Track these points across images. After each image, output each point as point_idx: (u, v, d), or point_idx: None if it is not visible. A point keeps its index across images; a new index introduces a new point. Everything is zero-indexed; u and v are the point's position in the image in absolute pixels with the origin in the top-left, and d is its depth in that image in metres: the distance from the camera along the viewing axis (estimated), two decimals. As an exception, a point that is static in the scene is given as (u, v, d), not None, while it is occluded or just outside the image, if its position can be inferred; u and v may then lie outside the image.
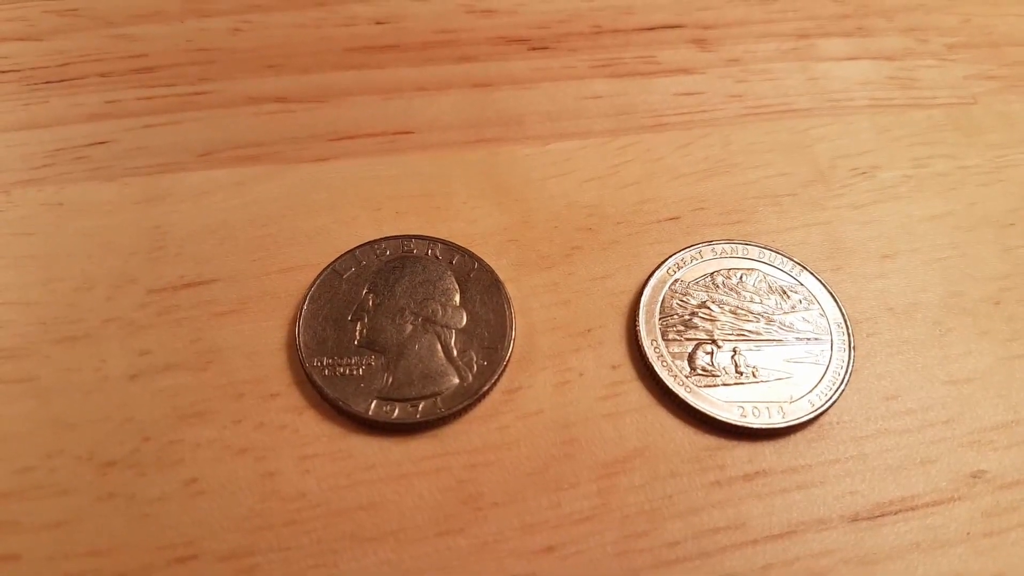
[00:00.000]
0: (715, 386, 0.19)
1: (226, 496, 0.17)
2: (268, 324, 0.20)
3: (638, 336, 0.20)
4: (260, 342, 0.20)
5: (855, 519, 0.18)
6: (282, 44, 0.26)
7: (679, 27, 0.28)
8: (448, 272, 0.21)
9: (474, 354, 0.19)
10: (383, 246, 0.21)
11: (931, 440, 0.19)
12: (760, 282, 0.21)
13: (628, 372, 0.20)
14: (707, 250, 0.21)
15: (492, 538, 0.17)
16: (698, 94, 0.26)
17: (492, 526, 0.17)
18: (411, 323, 0.20)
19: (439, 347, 0.19)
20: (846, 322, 0.20)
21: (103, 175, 0.23)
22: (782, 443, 0.19)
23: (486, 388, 0.19)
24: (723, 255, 0.21)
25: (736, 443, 0.19)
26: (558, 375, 0.19)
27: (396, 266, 0.21)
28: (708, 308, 0.20)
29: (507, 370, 0.19)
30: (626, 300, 0.21)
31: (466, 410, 0.19)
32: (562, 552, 0.17)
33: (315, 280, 0.20)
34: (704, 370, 0.19)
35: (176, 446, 0.18)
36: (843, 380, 0.19)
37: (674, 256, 0.21)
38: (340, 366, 0.19)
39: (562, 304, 0.21)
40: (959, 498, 0.18)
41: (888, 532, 0.17)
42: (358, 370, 0.19)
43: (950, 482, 0.18)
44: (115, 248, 0.21)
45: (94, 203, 0.22)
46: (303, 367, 0.19)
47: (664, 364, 0.19)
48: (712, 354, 0.20)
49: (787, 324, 0.20)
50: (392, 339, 0.19)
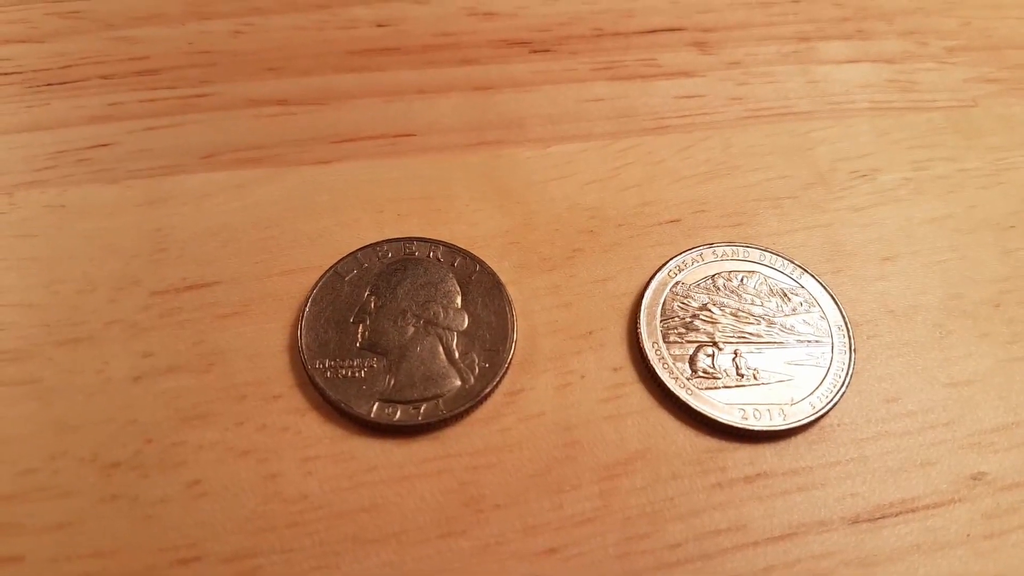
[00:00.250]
0: (716, 388, 0.19)
1: (229, 498, 0.17)
2: (270, 326, 0.20)
3: (639, 338, 0.20)
4: (262, 344, 0.20)
5: (856, 521, 0.18)
6: (283, 47, 0.26)
7: (680, 30, 0.28)
8: (450, 274, 0.21)
9: (476, 356, 0.19)
10: (385, 248, 0.21)
11: (931, 442, 0.19)
12: (761, 284, 0.21)
13: (629, 374, 0.20)
14: (708, 252, 0.22)
15: (494, 540, 0.17)
16: (699, 97, 0.26)
17: (494, 528, 0.17)
18: (413, 325, 0.20)
19: (441, 349, 0.19)
20: (847, 324, 0.20)
21: (105, 177, 0.23)
22: (783, 445, 0.19)
23: (488, 390, 0.19)
24: (724, 257, 0.21)
25: (737, 445, 0.19)
26: (560, 377, 0.19)
27: (398, 268, 0.21)
28: (709, 310, 0.20)
29: (509, 372, 0.19)
30: (627, 302, 0.21)
31: (468, 412, 0.19)
32: (564, 554, 0.17)
33: (317, 282, 0.20)
34: (705, 372, 0.19)
35: (179, 448, 0.18)
36: (844, 382, 0.19)
37: (675, 258, 0.21)
38: (342, 368, 0.19)
39: (563, 306, 0.21)
40: (959, 500, 0.18)
41: (888, 534, 0.18)
42: (360, 372, 0.19)
43: (950, 484, 0.18)
44: (117, 250, 0.21)
45: (96, 205, 0.22)
46: (305, 369, 0.19)
47: (665, 366, 0.19)
48: (713, 356, 0.20)
49: (788, 326, 0.20)
50: (394, 341, 0.19)
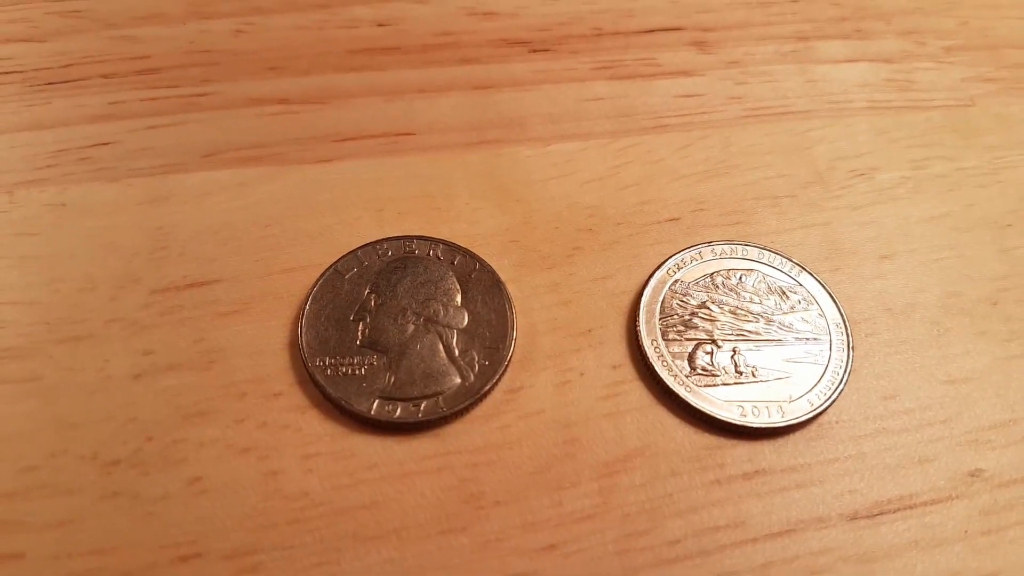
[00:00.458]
0: (715, 386, 0.19)
1: (229, 495, 0.17)
2: (271, 324, 0.20)
3: (638, 336, 0.20)
4: (263, 342, 0.20)
5: (854, 517, 0.18)
6: (284, 46, 0.26)
7: (679, 30, 0.28)
8: (450, 272, 0.21)
9: (476, 354, 0.19)
10: (385, 247, 0.21)
11: (929, 439, 0.19)
12: (759, 282, 0.21)
13: (628, 372, 0.20)
14: (707, 251, 0.22)
15: (494, 536, 0.17)
16: (698, 96, 0.26)
17: (494, 525, 0.17)
18: (413, 323, 0.20)
19: (441, 347, 0.19)
20: (845, 322, 0.20)
21: (106, 176, 0.23)
22: (781, 442, 0.19)
23: (488, 388, 0.19)
24: (723, 256, 0.22)
25: (736, 442, 0.19)
26: (559, 375, 0.20)
27: (398, 266, 0.21)
28: (708, 308, 0.20)
29: (508, 370, 0.19)
30: (626, 300, 0.21)
31: (468, 409, 0.19)
32: (563, 550, 0.17)
33: (317, 280, 0.20)
34: (704, 370, 0.19)
35: (179, 445, 0.18)
36: (842, 380, 0.19)
37: (674, 257, 0.21)
38: (342, 366, 0.19)
39: (563, 304, 0.21)
40: (957, 497, 0.18)
41: (886, 530, 0.18)
42: (360, 370, 0.19)
43: (948, 481, 0.18)
44: (118, 249, 0.21)
45: (97, 204, 0.22)
46: (306, 367, 0.19)
47: (664, 364, 0.19)
48: (712, 354, 0.20)
49: (786, 324, 0.20)
50: (394, 339, 0.19)
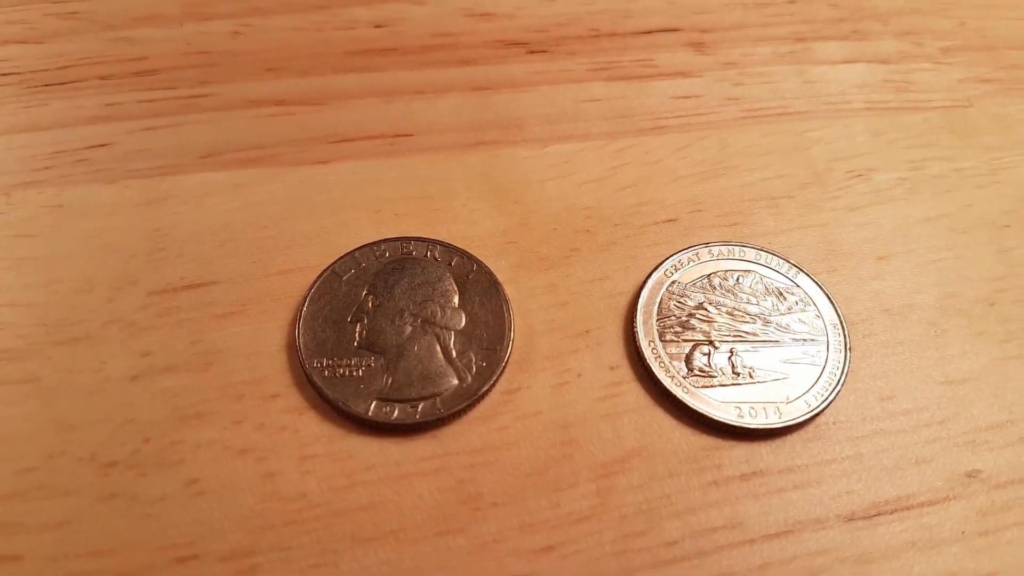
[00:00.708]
0: (712, 387, 0.19)
1: (227, 496, 0.17)
2: (268, 325, 0.20)
3: (636, 337, 0.20)
4: (260, 343, 0.20)
5: (851, 518, 0.18)
6: (282, 47, 0.26)
7: (676, 31, 0.28)
8: (447, 274, 0.21)
9: (473, 355, 0.19)
10: (383, 248, 0.21)
11: (926, 440, 0.19)
12: (757, 284, 0.21)
13: (626, 373, 0.20)
14: (704, 252, 0.22)
15: (491, 538, 0.17)
16: (695, 97, 0.26)
17: (491, 526, 0.17)
18: (410, 324, 0.20)
19: (438, 348, 0.19)
20: (842, 323, 0.20)
21: (103, 177, 0.23)
22: (779, 443, 0.19)
23: (485, 389, 0.19)
24: (720, 257, 0.22)
25: (733, 443, 0.19)
26: (557, 376, 0.20)
27: (395, 268, 0.21)
28: (705, 309, 0.20)
29: (506, 371, 0.19)
30: (624, 301, 0.21)
31: (465, 411, 0.19)
32: (561, 552, 0.17)
33: (315, 282, 0.20)
34: (701, 371, 0.19)
35: (177, 447, 0.18)
36: (839, 381, 0.19)
37: (671, 258, 0.21)
38: (340, 367, 0.19)
39: (560, 305, 0.21)
40: (954, 497, 0.18)
41: (884, 531, 0.18)
42: (358, 371, 0.19)
43: (945, 482, 0.18)
44: (116, 250, 0.21)
45: (95, 205, 0.22)
46: (303, 368, 0.19)
47: (662, 365, 0.19)
48: (709, 355, 0.20)
49: (783, 325, 0.20)
50: (391, 340, 0.19)
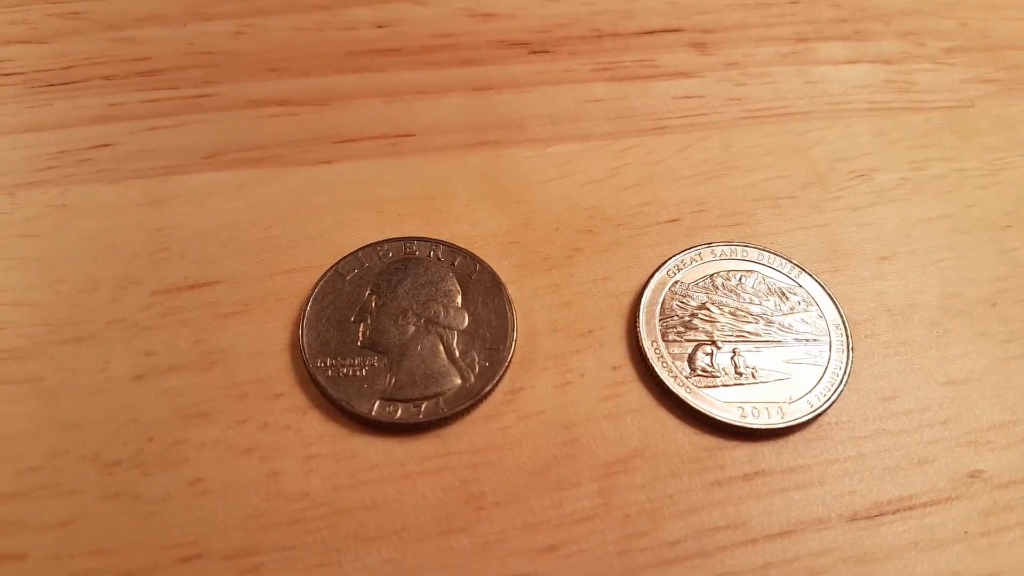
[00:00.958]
0: (715, 387, 0.19)
1: (230, 496, 0.18)
2: (272, 325, 0.20)
3: (638, 337, 0.20)
4: (264, 343, 0.20)
5: (853, 518, 0.18)
6: (284, 47, 0.26)
7: (678, 31, 0.28)
8: (450, 274, 0.21)
9: (476, 355, 0.19)
10: (385, 248, 0.21)
11: (929, 440, 0.19)
12: (759, 284, 0.21)
13: (629, 373, 0.20)
14: (707, 252, 0.22)
15: (494, 537, 0.17)
16: (697, 97, 0.26)
17: (494, 525, 0.17)
18: (414, 324, 0.20)
19: (441, 348, 0.19)
20: (844, 323, 0.20)
21: (107, 177, 0.23)
22: (781, 443, 0.19)
23: (488, 389, 0.19)
24: (722, 257, 0.22)
25: (736, 443, 0.19)
26: (559, 376, 0.20)
27: (399, 268, 0.21)
28: (708, 309, 0.21)
29: (509, 371, 0.19)
30: (626, 301, 0.21)
31: (468, 410, 0.19)
32: (563, 551, 0.17)
33: (318, 281, 0.20)
34: (704, 371, 0.19)
35: (180, 446, 0.18)
36: (841, 381, 0.19)
37: (674, 258, 0.21)
38: (343, 367, 0.19)
39: (563, 305, 0.21)
40: (956, 498, 0.18)
41: (886, 531, 0.18)
42: (361, 371, 0.19)
43: (947, 482, 0.18)
44: (119, 250, 0.21)
45: (98, 205, 0.22)
46: (307, 368, 0.19)
47: (664, 365, 0.19)
48: (712, 355, 0.20)
49: (786, 325, 0.20)
50: (395, 340, 0.19)
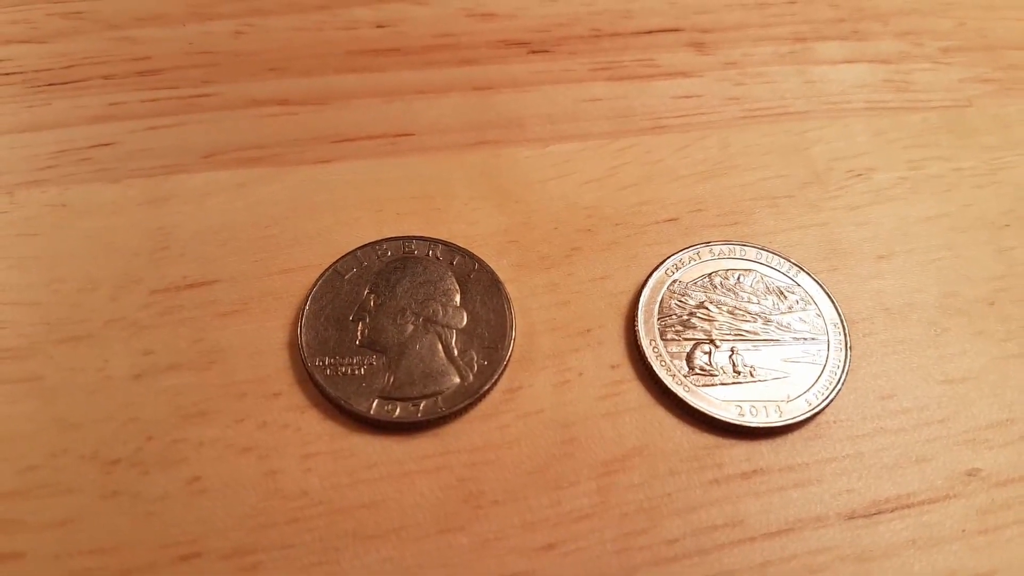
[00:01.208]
0: (713, 385, 0.19)
1: (229, 494, 0.18)
2: (270, 324, 0.20)
3: (637, 336, 0.20)
4: (262, 342, 0.20)
5: (852, 517, 0.18)
6: (284, 47, 0.26)
7: (677, 31, 0.28)
8: (449, 273, 0.21)
9: (475, 354, 0.19)
10: (384, 247, 0.21)
11: (927, 439, 0.19)
12: (757, 283, 0.21)
13: (627, 372, 0.20)
14: (705, 251, 0.22)
15: (493, 536, 0.17)
16: (696, 97, 0.26)
17: (492, 524, 0.17)
18: (412, 323, 0.20)
19: (440, 347, 0.19)
20: (842, 322, 0.20)
21: (107, 176, 0.23)
22: (779, 442, 0.19)
23: (486, 387, 0.19)
24: (721, 256, 0.22)
25: (734, 442, 0.19)
26: (558, 375, 0.20)
27: (397, 267, 0.21)
28: (706, 308, 0.21)
29: (507, 370, 0.19)
30: (625, 300, 0.21)
31: (467, 409, 0.19)
32: (562, 549, 0.17)
33: (317, 280, 0.20)
34: (702, 370, 0.20)
35: (179, 445, 0.18)
36: (839, 379, 0.19)
37: (672, 257, 0.21)
38: (342, 366, 0.19)
39: (562, 304, 0.21)
40: (954, 496, 0.18)
41: (884, 529, 0.18)
42: (360, 370, 0.19)
43: (945, 480, 0.18)
44: (118, 249, 0.21)
45: (98, 204, 0.22)
46: (305, 367, 0.19)
47: (663, 364, 0.19)
48: (710, 354, 0.20)
49: (784, 324, 0.20)
50: (393, 339, 0.20)
